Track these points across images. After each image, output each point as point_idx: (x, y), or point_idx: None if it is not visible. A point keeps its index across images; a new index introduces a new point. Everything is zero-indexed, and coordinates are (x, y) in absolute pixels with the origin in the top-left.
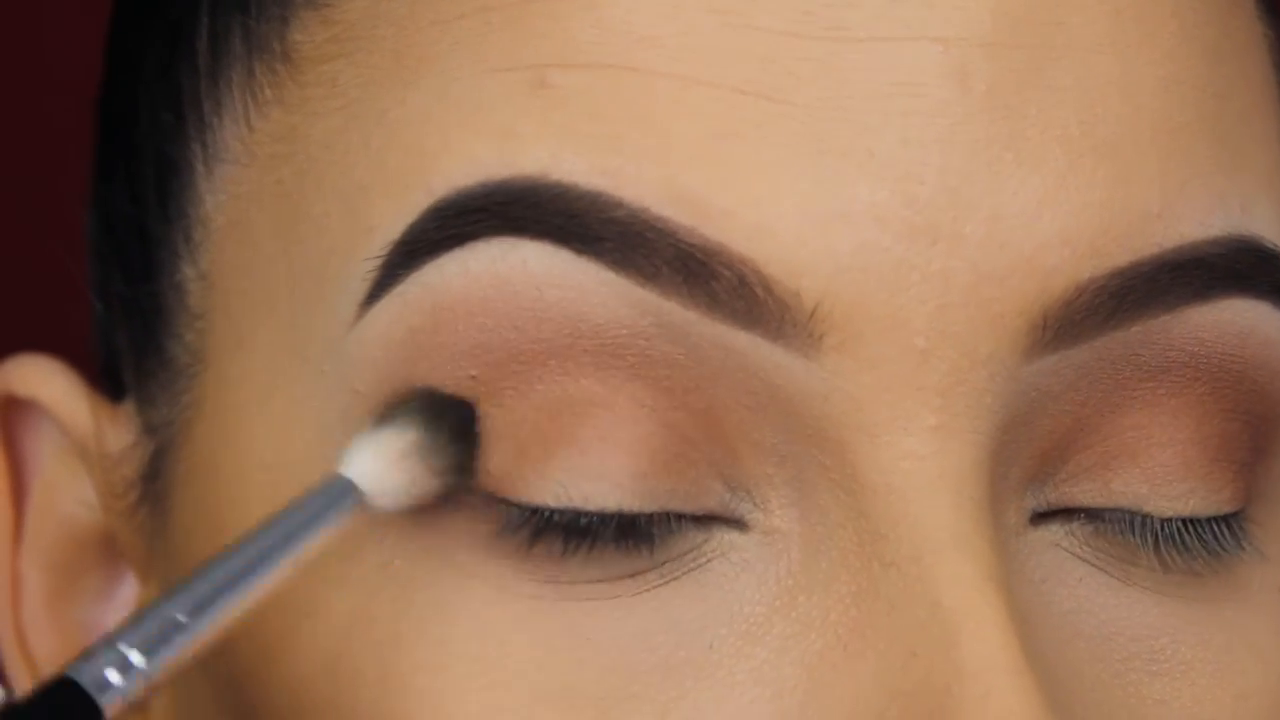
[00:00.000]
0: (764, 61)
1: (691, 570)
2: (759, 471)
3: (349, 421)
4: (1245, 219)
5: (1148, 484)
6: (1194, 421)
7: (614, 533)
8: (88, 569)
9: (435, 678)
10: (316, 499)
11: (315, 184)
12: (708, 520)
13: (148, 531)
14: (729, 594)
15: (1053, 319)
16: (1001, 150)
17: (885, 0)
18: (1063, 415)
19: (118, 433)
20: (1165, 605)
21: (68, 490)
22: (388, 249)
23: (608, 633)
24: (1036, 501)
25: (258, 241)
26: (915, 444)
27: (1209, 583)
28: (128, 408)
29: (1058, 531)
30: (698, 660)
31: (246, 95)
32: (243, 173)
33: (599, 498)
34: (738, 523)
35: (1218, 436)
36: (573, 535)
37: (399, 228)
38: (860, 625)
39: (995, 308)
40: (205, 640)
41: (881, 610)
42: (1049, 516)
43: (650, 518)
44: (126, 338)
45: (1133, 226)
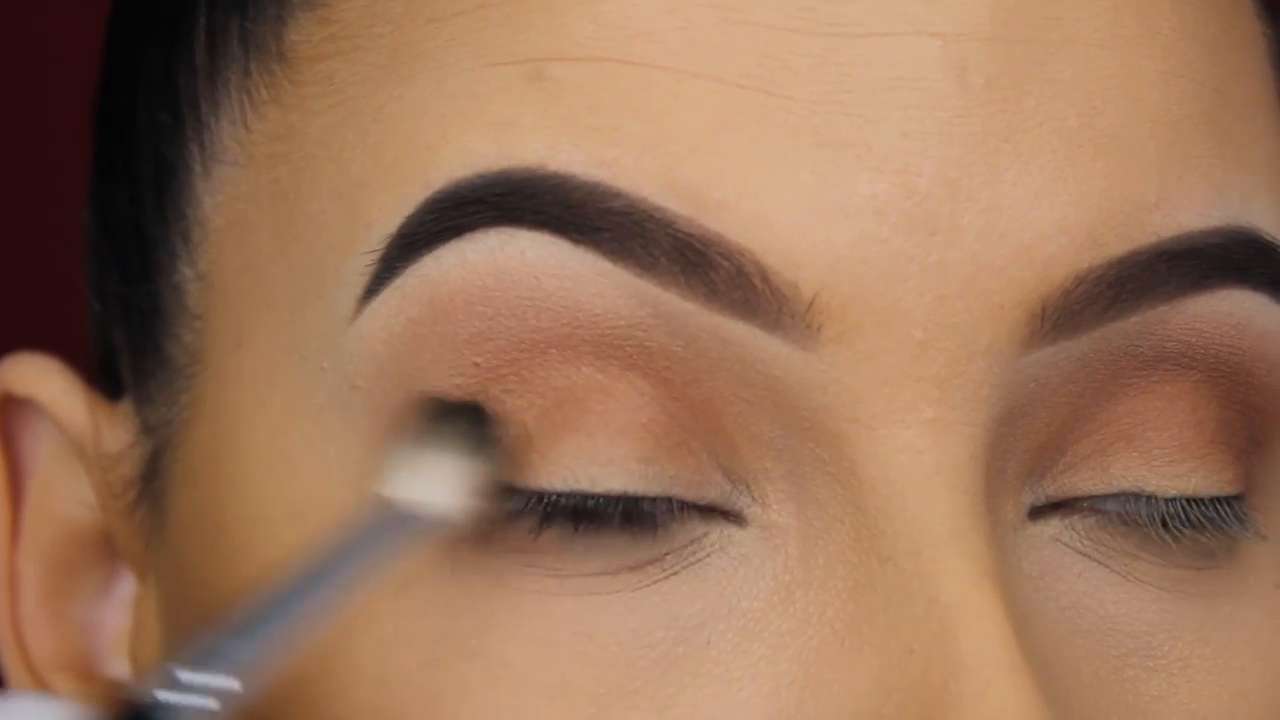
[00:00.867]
0: (762, 56)
1: (691, 564)
2: (757, 465)
3: (349, 418)
4: (1243, 211)
5: (1147, 466)
6: (1189, 405)
7: (620, 517)
8: (85, 567)
9: (435, 674)
10: (378, 527)
11: (312, 181)
12: (709, 511)
13: (146, 530)
14: (727, 589)
15: (1051, 309)
16: (1000, 142)
17: None
18: (1060, 407)
19: (116, 432)
20: (1165, 601)
21: (65, 489)
22: (385, 242)
23: (608, 629)
24: (1035, 496)
25: (256, 241)
26: (913, 437)
27: (1210, 576)
28: (126, 407)
29: (1057, 525)
30: (696, 656)
31: (243, 95)
32: (240, 173)
33: (605, 480)
34: (736, 517)
35: (1214, 421)
36: (580, 519)
37: (396, 221)
38: (857, 621)
39: (994, 298)
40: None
41: (879, 606)
42: (1049, 510)
43: (654, 502)
44: (124, 337)
45: (1131, 217)
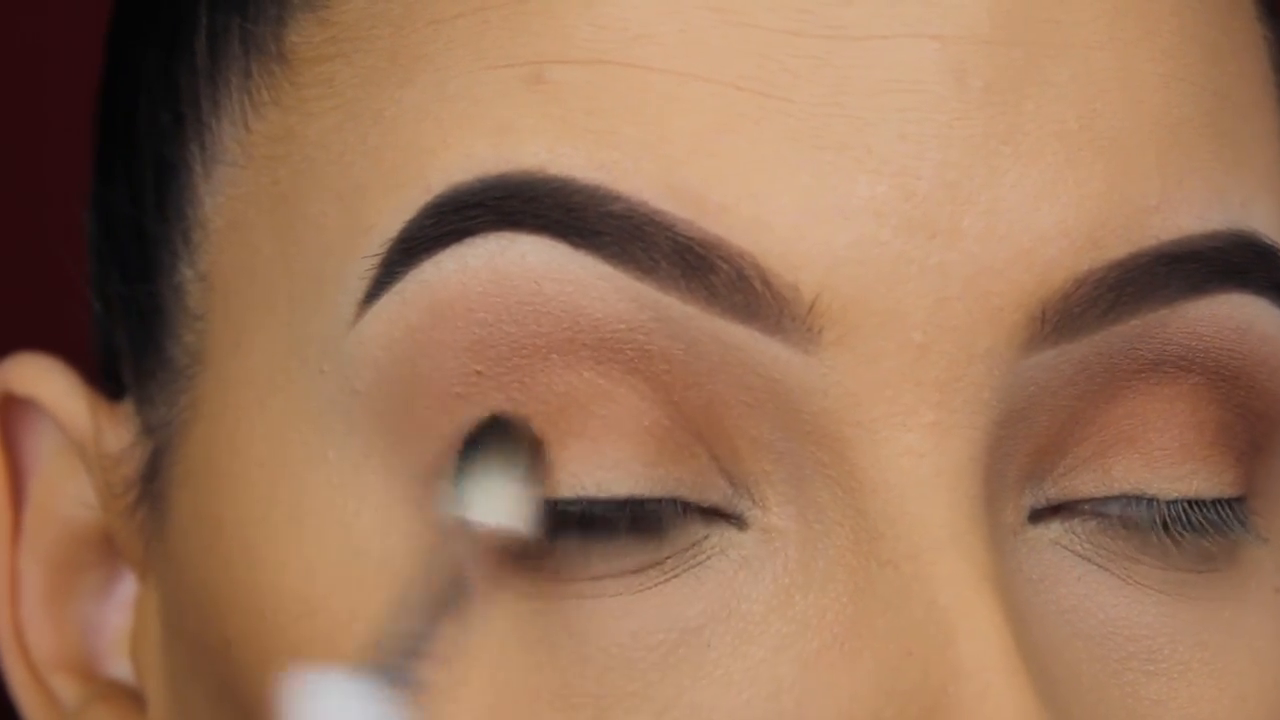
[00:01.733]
0: (761, 59)
1: (692, 567)
2: (757, 468)
3: (350, 421)
4: (1244, 215)
5: (1148, 468)
6: (1189, 407)
7: (628, 521)
8: (86, 568)
9: (434, 676)
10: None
11: (312, 184)
12: (711, 514)
13: (146, 531)
14: (727, 592)
15: (1051, 312)
16: (999, 145)
17: None
18: (1060, 410)
19: (117, 432)
20: (1165, 605)
21: (66, 489)
22: (386, 247)
23: (608, 631)
24: (1035, 499)
25: (256, 243)
26: (913, 440)
27: (1211, 580)
28: (126, 407)
29: (1057, 529)
30: (696, 659)
31: (244, 97)
32: (240, 174)
33: (612, 485)
34: (737, 520)
35: (1214, 424)
36: (589, 525)
37: (397, 225)
38: (857, 624)
39: (994, 301)
40: None
41: (878, 609)
42: (1048, 514)
43: (660, 504)
44: (125, 338)
45: (1131, 219)
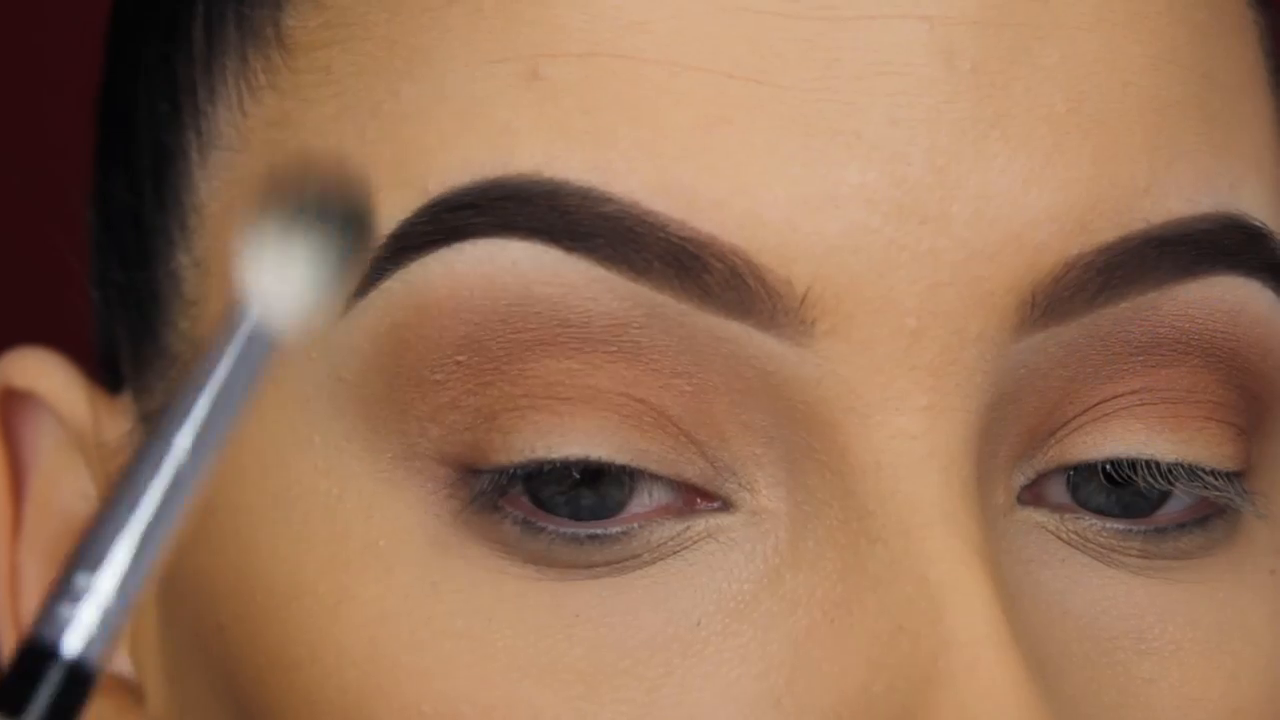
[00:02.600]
0: (752, 43)
1: (680, 550)
2: (747, 452)
3: (335, 406)
4: (1233, 198)
5: (1147, 430)
6: (1186, 387)
7: (584, 481)
8: None
9: (421, 655)
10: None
11: None
12: (688, 489)
13: None
14: (717, 572)
15: (1041, 295)
16: (988, 128)
17: None
18: (1050, 391)
19: (115, 423)
20: (1154, 586)
21: (67, 482)
22: (378, 244)
23: (597, 609)
24: (1025, 475)
25: None
26: (906, 423)
27: (1205, 562)
28: (126, 399)
29: (1044, 515)
30: (685, 638)
31: (240, 81)
32: (236, 159)
33: (562, 448)
34: (725, 502)
35: (1212, 401)
36: (538, 484)
37: (391, 224)
38: (847, 601)
39: (985, 285)
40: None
41: (868, 586)
42: (1035, 500)
43: (622, 469)
44: (124, 328)
45: (1120, 202)
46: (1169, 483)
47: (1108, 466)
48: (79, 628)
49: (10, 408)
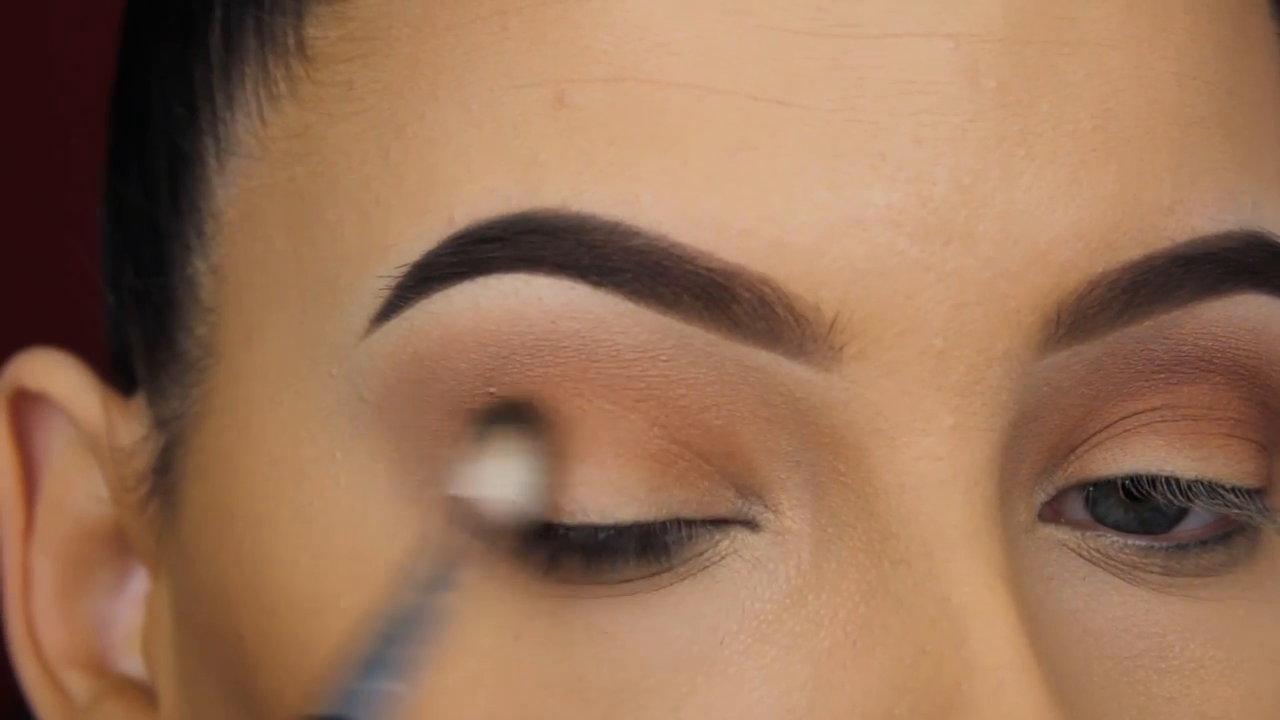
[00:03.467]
0: (777, 63)
1: (706, 567)
2: (772, 476)
3: (357, 426)
4: (1256, 215)
5: (1168, 448)
6: (1207, 405)
7: (635, 546)
8: (98, 563)
9: (449, 673)
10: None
11: (329, 188)
12: (719, 522)
13: (158, 525)
14: (741, 591)
15: (1066, 313)
16: (1013, 147)
17: None
18: (1072, 409)
19: (129, 426)
20: (1174, 605)
21: (79, 484)
22: (402, 271)
23: (623, 627)
24: (1046, 492)
25: (269, 236)
26: (933, 444)
27: (1224, 580)
28: (139, 402)
29: (1066, 531)
30: (709, 656)
31: (259, 89)
32: (255, 166)
33: (615, 511)
34: (750, 523)
35: (1233, 418)
36: (593, 552)
37: (416, 252)
38: (869, 622)
39: (1010, 304)
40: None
41: (890, 607)
42: (1056, 516)
43: (664, 526)
44: (138, 331)
45: (1145, 220)
46: (1188, 499)
47: (1127, 483)
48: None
49: (23, 409)
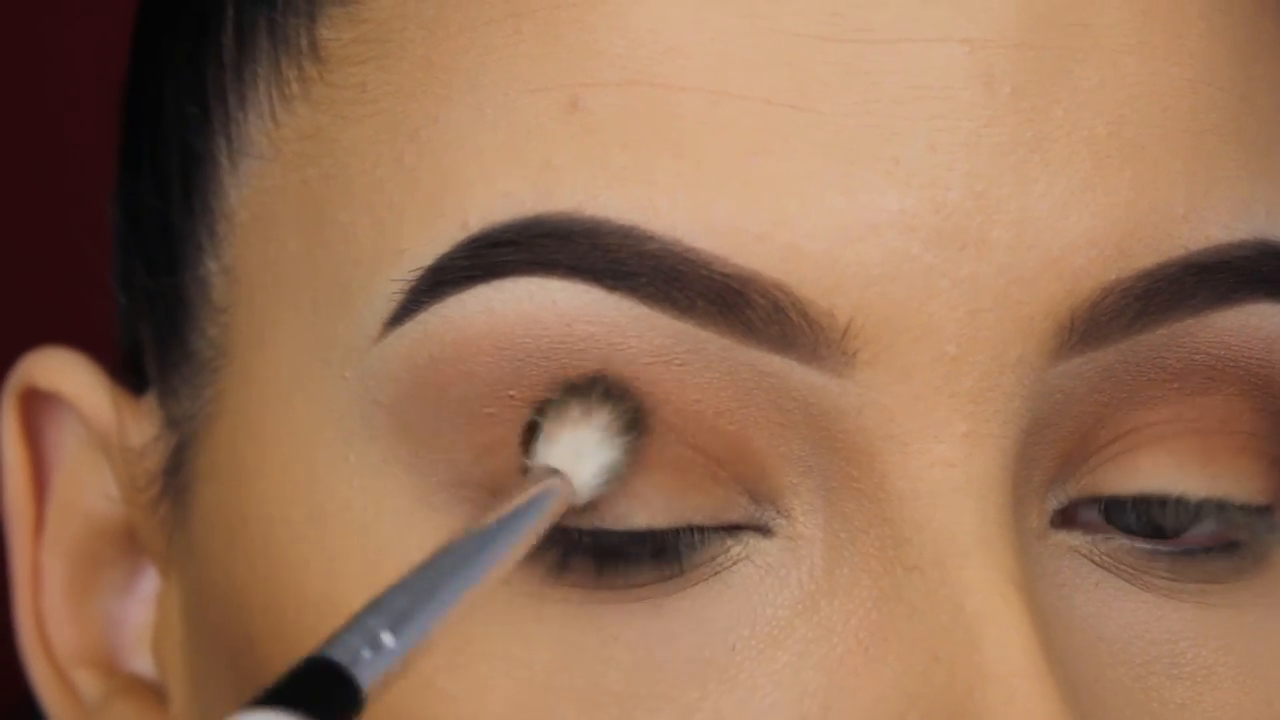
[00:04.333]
0: (791, 67)
1: (719, 572)
2: (785, 481)
3: (371, 428)
4: (1269, 224)
5: (1177, 467)
6: (1220, 417)
7: (649, 551)
8: (109, 562)
9: (459, 676)
10: (534, 493)
11: (343, 190)
12: (732, 529)
13: (168, 525)
14: (753, 596)
15: (1079, 321)
16: (1028, 153)
17: (912, 1)
18: (1085, 416)
19: (140, 426)
20: (1186, 611)
21: (89, 483)
22: (416, 275)
23: (635, 632)
24: (1058, 500)
25: (282, 238)
26: (945, 450)
27: (1236, 587)
28: (150, 401)
29: (1079, 537)
30: (721, 662)
31: (272, 90)
32: (267, 167)
33: (629, 517)
34: (763, 529)
35: (1245, 431)
36: (605, 556)
37: (430, 255)
38: (882, 629)
39: (1024, 310)
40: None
41: (903, 614)
42: (1068, 522)
43: (677, 533)
44: (149, 331)
45: (1159, 228)
46: (1197, 519)
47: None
48: (369, 669)
49: (34, 408)
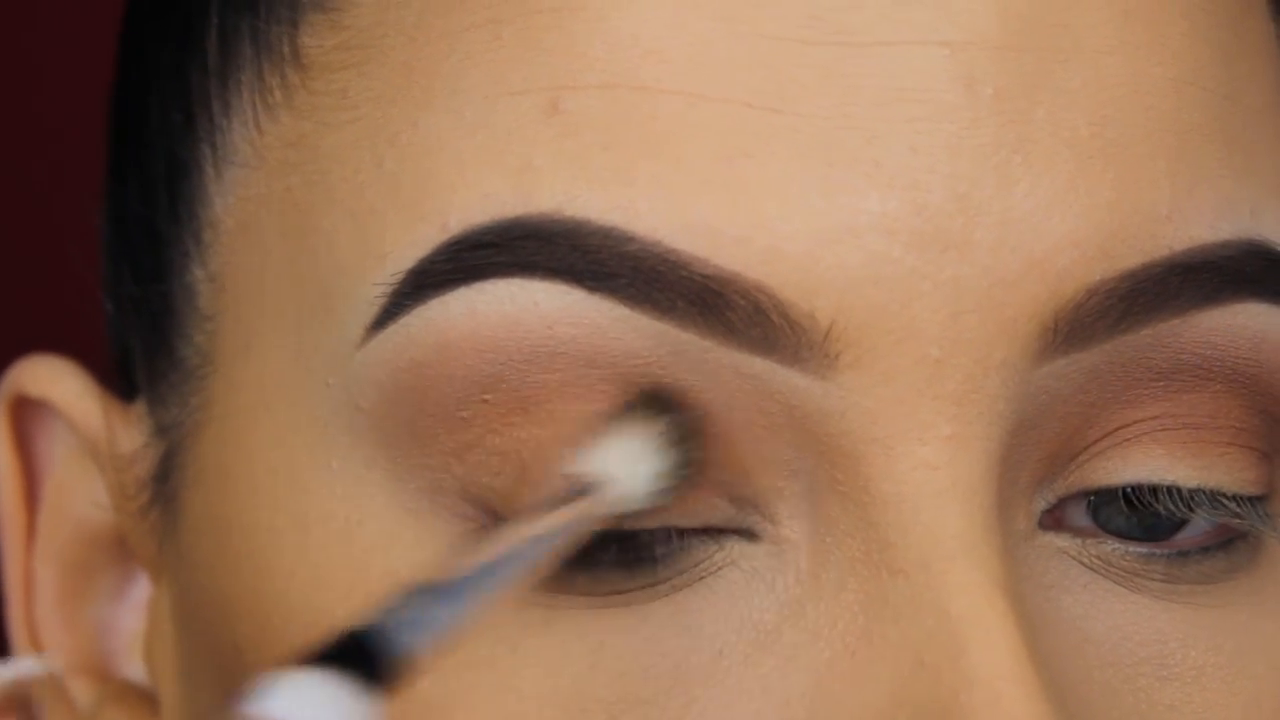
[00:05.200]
0: (770, 70)
1: (704, 577)
2: (769, 485)
3: (354, 434)
4: (1254, 224)
5: (1168, 456)
6: (1209, 413)
7: (634, 558)
8: (100, 569)
9: (444, 684)
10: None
11: (325, 197)
12: (714, 532)
13: (159, 532)
14: (739, 601)
15: (1063, 322)
16: (1010, 154)
17: (891, 3)
18: (1071, 416)
19: (129, 433)
20: (1175, 612)
21: (80, 491)
22: (398, 279)
23: (621, 637)
24: (1046, 500)
25: (267, 246)
26: (929, 453)
27: (1225, 587)
28: (139, 408)
29: (1066, 539)
30: (708, 667)
31: (256, 98)
32: (252, 175)
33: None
34: (747, 533)
35: (1234, 426)
36: (589, 563)
37: (411, 259)
38: (868, 633)
39: (1007, 312)
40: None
41: (889, 618)
42: (1056, 524)
43: (652, 534)
44: (138, 338)
45: (1142, 229)
46: (1190, 509)
47: (1128, 490)
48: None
49: (24, 416)
